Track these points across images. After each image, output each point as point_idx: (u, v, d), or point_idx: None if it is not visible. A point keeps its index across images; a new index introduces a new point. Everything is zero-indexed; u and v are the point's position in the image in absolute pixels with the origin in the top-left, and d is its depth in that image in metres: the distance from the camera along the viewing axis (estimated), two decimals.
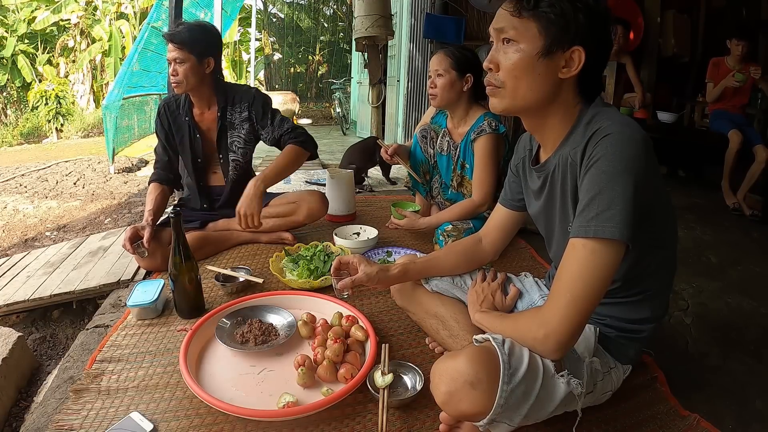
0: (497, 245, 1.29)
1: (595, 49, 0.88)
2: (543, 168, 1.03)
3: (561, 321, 0.82)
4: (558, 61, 0.89)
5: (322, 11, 14.47)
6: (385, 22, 3.60)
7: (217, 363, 1.25)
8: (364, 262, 1.19)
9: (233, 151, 2.03)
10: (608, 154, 0.83)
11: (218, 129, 2.00)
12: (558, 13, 0.86)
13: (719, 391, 1.29)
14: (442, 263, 1.28)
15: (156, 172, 2.05)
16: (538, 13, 0.87)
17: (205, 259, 1.89)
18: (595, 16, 0.87)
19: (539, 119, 0.98)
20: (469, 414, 0.84)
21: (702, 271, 2.10)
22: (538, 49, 0.88)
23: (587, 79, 0.93)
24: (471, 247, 1.29)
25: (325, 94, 12.93)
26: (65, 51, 12.07)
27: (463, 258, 1.28)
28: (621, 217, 0.80)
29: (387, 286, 1.28)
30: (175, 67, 1.84)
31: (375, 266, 1.19)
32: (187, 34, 1.83)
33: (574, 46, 0.87)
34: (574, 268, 0.83)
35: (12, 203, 4.06)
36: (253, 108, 2.00)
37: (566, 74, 0.90)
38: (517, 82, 0.91)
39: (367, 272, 1.17)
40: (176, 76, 1.85)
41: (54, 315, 2.00)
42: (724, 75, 3.39)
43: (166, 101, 2.02)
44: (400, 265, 1.22)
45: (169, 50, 1.85)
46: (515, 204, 1.23)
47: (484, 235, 1.29)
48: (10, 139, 9.97)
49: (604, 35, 0.90)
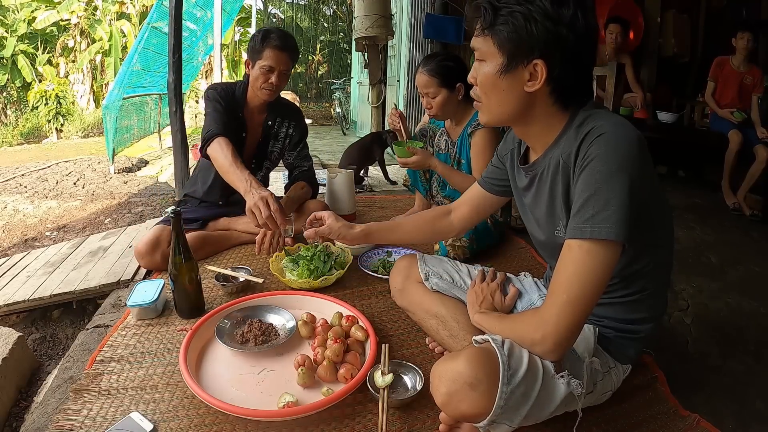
0: (465, 221, 1.30)
1: (560, 59, 0.86)
2: (531, 168, 1.03)
3: (558, 322, 0.82)
4: (521, 76, 0.88)
5: (322, 11, 14.48)
6: (385, 22, 3.59)
7: (217, 363, 1.25)
8: (332, 217, 1.31)
9: (269, 160, 2.15)
10: (602, 154, 0.83)
11: (262, 136, 2.07)
12: (511, 29, 0.85)
13: (719, 391, 1.29)
14: (405, 228, 1.32)
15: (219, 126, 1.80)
16: (494, 30, 0.87)
17: (205, 259, 1.89)
18: (555, 26, 0.83)
19: (523, 127, 0.99)
20: (469, 415, 0.84)
21: (702, 271, 2.10)
22: (499, 66, 0.89)
23: (562, 88, 0.90)
24: (437, 217, 1.31)
25: (325, 94, 12.94)
26: (65, 51, 12.07)
27: (428, 226, 1.31)
28: (617, 217, 0.80)
29: (349, 243, 1.34)
30: (279, 76, 1.89)
31: (340, 221, 1.31)
32: (295, 47, 1.92)
33: (534, 60, 0.86)
34: (570, 269, 0.83)
35: (12, 203, 4.06)
36: (295, 131, 2.13)
37: (532, 87, 0.89)
38: (488, 98, 0.94)
39: (331, 225, 1.29)
40: (278, 85, 1.91)
41: (54, 315, 2.00)
42: (728, 75, 3.40)
43: (222, 88, 1.97)
44: (364, 226, 1.31)
45: (279, 60, 1.86)
46: (492, 187, 1.23)
47: (454, 208, 1.31)
48: (10, 139, 9.98)
49: (570, 43, 0.85)
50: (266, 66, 1.86)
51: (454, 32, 3.97)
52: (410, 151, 1.98)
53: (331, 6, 14.51)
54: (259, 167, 2.12)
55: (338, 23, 14.47)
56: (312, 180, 2.16)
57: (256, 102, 1.99)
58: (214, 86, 1.99)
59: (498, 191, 1.22)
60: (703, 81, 3.69)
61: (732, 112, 3.29)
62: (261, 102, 1.99)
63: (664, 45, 4.25)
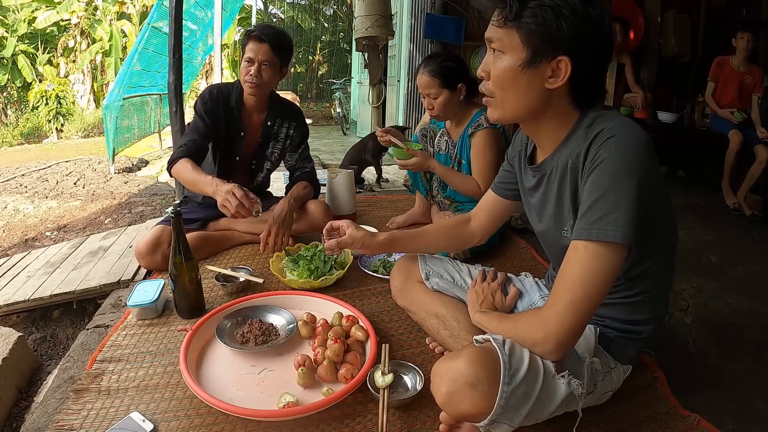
0: (485, 228, 1.29)
1: (584, 58, 0.85)
2: (539, 168, 1.02)
3: (561, 322, 0.82)
4: (544, 72, 0.87)
5: (323, 11, 14.48)
6: (386, 22, 3.59)
7: (218, 363, 1.25)
8: (352, 226, 1.25)
9: (270, 161, 2.12)
10: (612, 156, 0.82)
11: (262, 136, 2.04)
12: (540, 23, 0.83)
13: (719, 391, 1.29)
14: (428, 237, 1.30)
15: (186, 147, 1.84)
16: (520, 23, 0.85)
17: (205, 259, 1.89)
18: (583, 24, 0.83)
19: (534, 125, 0.98)
20: (470, 415, 0.84)
21: (702, 271, 2.10)
22: (521, 60, 0.87)
23: (580, 88, 0.90)
24: (458, 226, 1.30)
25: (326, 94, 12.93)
26: (65, 51, 12.07)
27: (450, 233, 1.29)
28: (624, 219, 0.80)
29: (372, 252, 1.31)
30: (260, 68, 1.83)
31: (362, 231, 1.25)
32: (280, 38, 1.85)
33: (560, 56, 0.85)
34: (575, 270, 0.83)
35: (12, 203, 4.06)
36: (296, 132, 2.09)
37: (553, 84, 0.87)
38: (504, 93, 0.92)
39: (353, 235, 1.23)
40: (259, 78, 1.84)
41: (54, 315, 2.00)
42: (728, 75, 3.40)
43: (218, 89, 1.96)
44: (389, 234, 1.27)
45: (257, 50, 1.82)
46: (506, 192, 1.22)
47: (473, 216, 1.30)
48: (10, 139, 9.97)
49: (596, 43, 0.85)
50: (247, 58, 1.84)
51: (454, 32, 3.97)
52: (409, 152, 1.98)
53: (331, 6, 14.51)
54: (259, 168, 2.12)
55: (338, 23, 14.47)
56: (314, 181, 2.15)
57: (251, 101, 1.97)
58: (207, 91, 1.96)
59: (511, 195, 1.22)
60: (703, 81, 3.68)
61: (732, 112, 3.29)
62: (255, 100, 1.95)
63: (664, 45, 4.25)
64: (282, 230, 1.87)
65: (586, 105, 0.93)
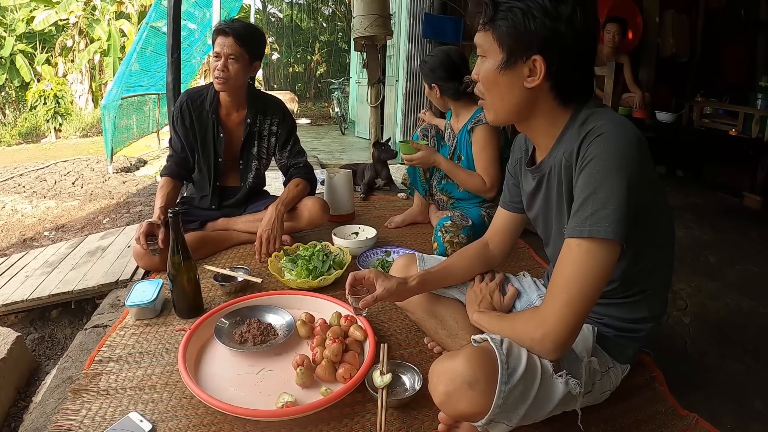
0: (503, 248, 1.27)
1: (558, 56, 0.86)
2: (538, 169, 1.03)
3: (558, 321, 0.82)
4: (521, 72, 0.88)
5: (321, 11, 14.47)
6: (384, 22, 3.59)
7: (216, 363, 1.25)
8: (381, 277, 1.14)
9: (257, 159, 2.07)
10: (601, 154, 0.83)
11: (245, 135, 1.99)
12: (510, 24, 0.85)
13: (718, 391, 1.29)
14: (457, 270, 1.24)
15: (168, 165, 1.96)
16: (494, 26, 0.87)
17: (203, 259, 1.89)
18: (553, 22, 0.83)
19: (526, 124, 0.99)
20: (468, 414, 0.84)
21: (701, 270, 2.11)
22: (498, 62, 0.89)
23: (562, 85, 0.90)
24: (481, 251, 1.26)
25: (324, 93, 12.92)
26: (64, 50, 12.04)
27: (475, 262, 1.25)
28: (615, 216, 0.80)
29: (406, 299, 1.22)
30: (226, 62, 1.79)
31: (393, 279, 1.14)
32: (246, 31, 1.81)
33: (533, 56, 0.86)
34: (569, 268, 0.83)
35: (10, 203, 4.06)
36: (281, 128, 2.04)
37: (531, 83, 0.88)
38: (489, 95, 0.94)
39: (387, 287, 1.12)
40: (225, 72, 1.80)
41: (52, 315, 2.00)
42: None
43: (189, 95, 1.95)
44: (418, 277, 1.17)
45: (222, 44, 1.79)
46: (515, 206, 1.22)
47: (489, 239, 1.28)
48: (8, 139, 9.95)
49: (569, 40, 0.85)
50: (214, 53, 1.82)
51: (452, 32, 3.97)
52: (414, 146, 2.00)
53: (329, 5, 14.50)
54: (247, 168, 2.07)
55: (337, 23, 14.46)
56: (309, 175, 2.09)
57: (226, 99, 1.94)
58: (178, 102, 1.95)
59: (520, 209, 1.21)
60: (702, 81, 3.68)
61: None
62: (229, 97, 1.92)
63: (663, 45, 4.24)
64: (272, 237, 1.85)
65: (573, 101, 0.93)
